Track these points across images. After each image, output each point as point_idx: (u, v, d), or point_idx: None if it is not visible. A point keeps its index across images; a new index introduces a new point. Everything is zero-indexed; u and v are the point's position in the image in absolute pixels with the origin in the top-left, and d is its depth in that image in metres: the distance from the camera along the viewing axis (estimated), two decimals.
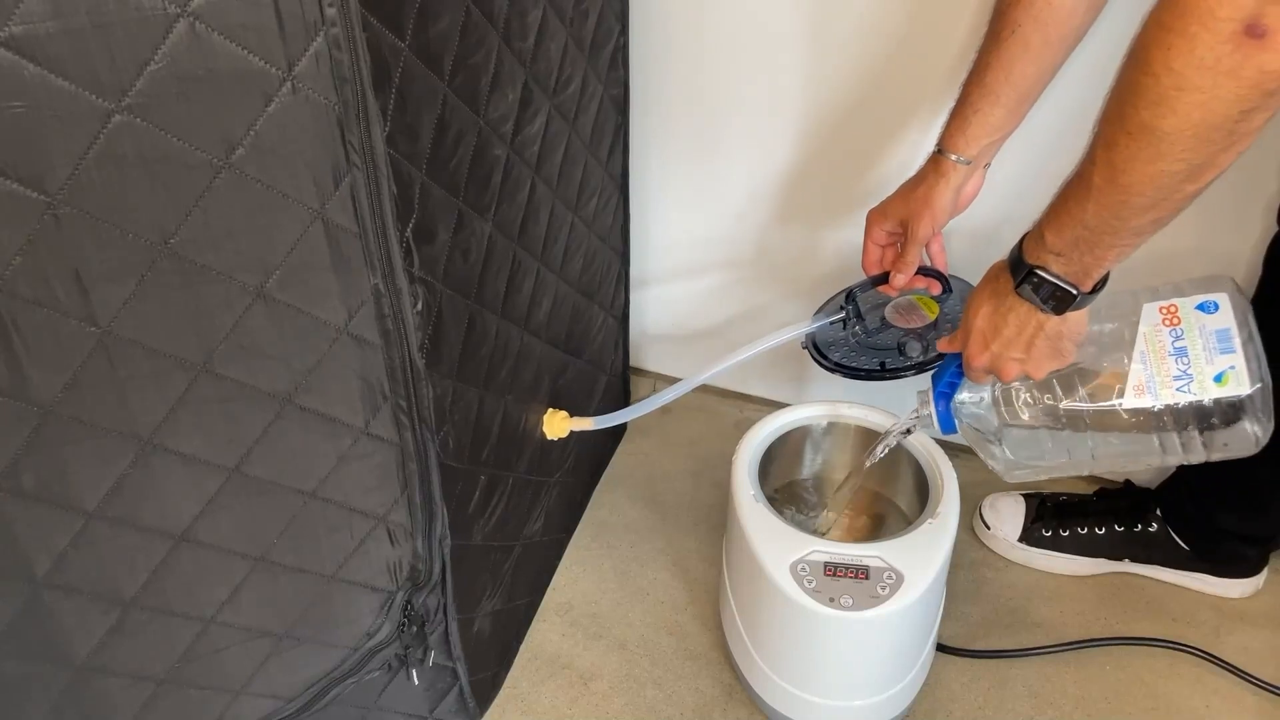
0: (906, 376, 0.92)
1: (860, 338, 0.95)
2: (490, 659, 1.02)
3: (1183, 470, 1.11)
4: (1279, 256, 0.95)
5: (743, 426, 1.03)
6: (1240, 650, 1.07)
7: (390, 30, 0.60)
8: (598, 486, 1.30)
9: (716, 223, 1.29)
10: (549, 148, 0.90)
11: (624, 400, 1.38)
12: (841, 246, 1.23)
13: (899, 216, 0.92)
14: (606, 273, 1.17)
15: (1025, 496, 1.21)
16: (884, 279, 0.95)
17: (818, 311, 0.98)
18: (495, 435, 0.88)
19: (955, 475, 0.95)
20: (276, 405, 0.69)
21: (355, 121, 0.60)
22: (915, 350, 0.92)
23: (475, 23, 0.70)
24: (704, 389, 1.45)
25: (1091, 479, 1.29)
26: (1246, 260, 1.05)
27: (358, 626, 0.84)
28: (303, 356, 0.67)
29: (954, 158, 0.86)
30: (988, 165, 0.90)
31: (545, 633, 1.12)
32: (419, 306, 0.69)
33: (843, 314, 0.95)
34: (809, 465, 1.11)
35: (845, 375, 0.93)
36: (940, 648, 1.06)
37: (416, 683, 0.91)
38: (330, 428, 0.72)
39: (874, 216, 0.94)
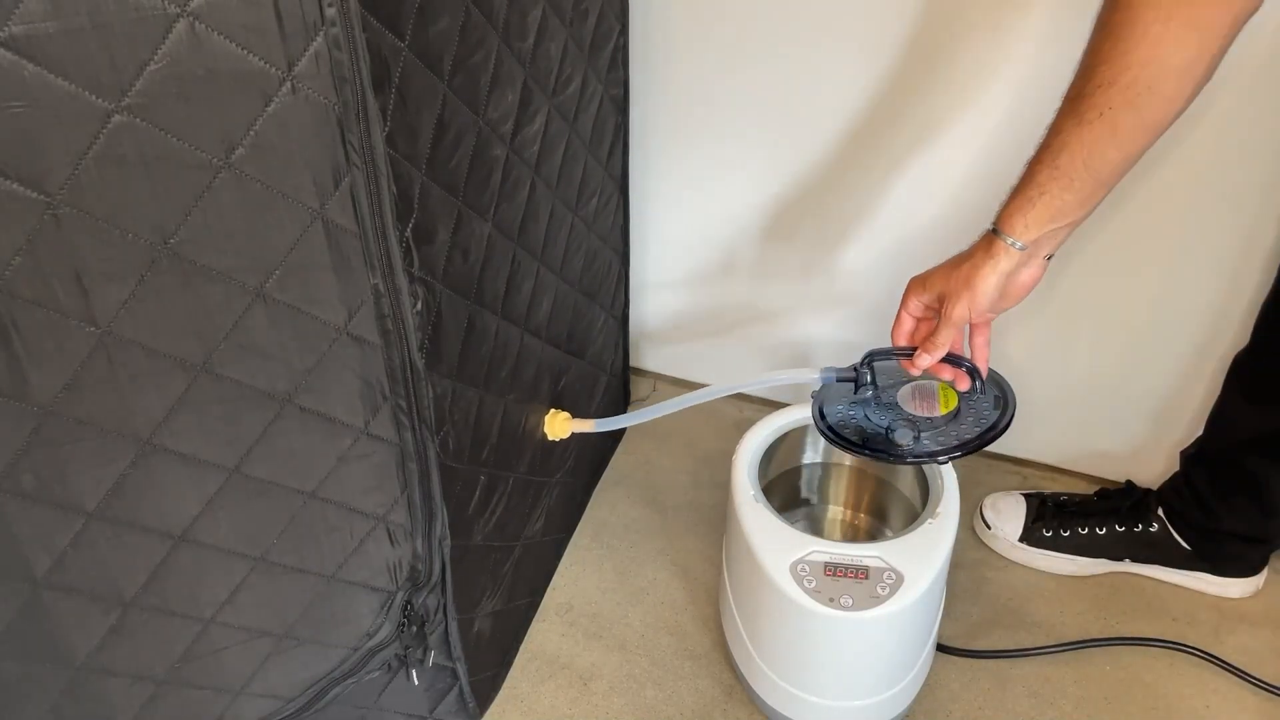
0: (885, 462, 0.87)
1: (864, 404, 0.89)
2: (490, 659, 1.02)
3: (1188, 470, 1.11)
4: None
5: (743, 426, 1.03)
6: (1240, 650, 1.07)
7: (390, 30, 0.60)
8: (598, 486, 1.30)
9: (717, 223, 1.29)
10: (548, 148, 0.90)
11: (624, 400, 1.38)
12: (843, 248, 1.23)
13: (938, 291, 0.82)
14: (607, 273, 1.17)
15: (1026, 496, 1.21)
16: (906, 351, 0.86)
17: (842, 369, 0.90)
18: (495, 435, 0.88)
19: (955, 475, 0.95)
20: (276, 405, 0.69)
21: (355, 121, 0.60)
22: (905, 439, 0.85)
23: (475, 23, 0.70)
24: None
25: (1092, 479, 1.29)
26: (1258, 266, 1.05)
27: (357, 627, 0.84)
28: (303, 356, 0.67)
29: (1009, 240, 0.77)
30: (1050, 256, 0.80)
31: (545, 633, 1.12)
32: (419, 306, 0.69)
33: (854, 375, 0.88)
34: (808, 466, 1.11)
35: (828, 438, 0.88)
36: (940, 648, 1.06)
37: (416, 683, 0.91)
38: (330, 428, 0.72)
39: (913, 284, 0.85)
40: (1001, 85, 1.04)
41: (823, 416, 0.89)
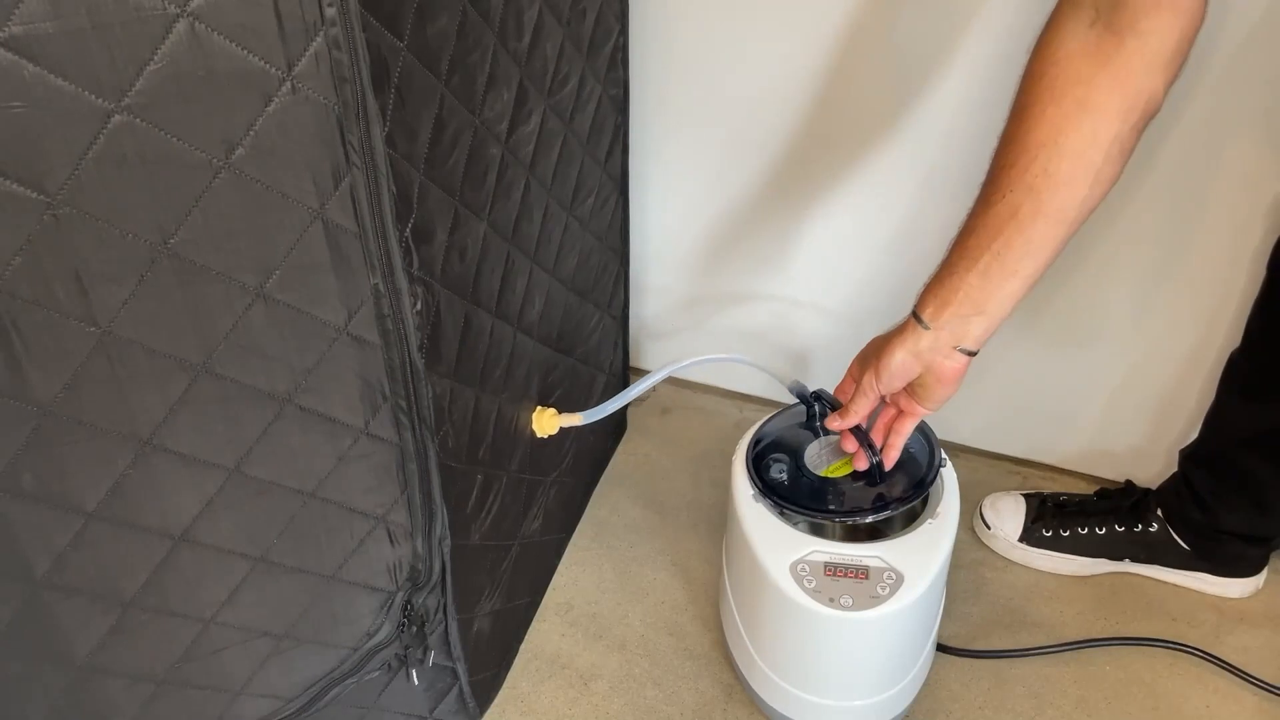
0: (759, 492, 0.91)
1: (799, 434, 0.95)
2: (490, 659, 1.02)
3: (1186, 470, 1.11)
4: None
5: (743, 426, 1.03)
6: (1240, 650, 1.07)
7: (389, 30, 0.60)
8: (597, 486, 1.30)
9: (719, 224, 1.29)
10: (543, 147, 0.90)
11: None
12: (848, 251, 1.23)
13: (864, 355, 0.85)
14: (603, 272, 1.17)
15: (1025, 496, 1.21)
16: (835, 405, 0.90)
17: (806, 391, 0.94)
18: (491, 434, 0.88)
19: (955, 475, 0.95)
20: (276, 405, 0.69)
21: (355, 121, 0.60)
22: (778, 473, 0.91)
23: (472, 22, 0.70)
24: (704, 389, 1.45)
25: (1092, 479, 1.29)
26: (1247, 265, 1.05)
27: (357, 627, 0.84)
28: (303, 356, 0.67)
29: (919, 319, 0.78)
30: (972, 354, 0.78)
31: (545, 633, 1.12)
32: (418, 306, 0.69)
33: (809, 402, 0.93)
34: None
35: (747, 453, 0.94)
36: (940, 648, 1.06)
37: (416, 683, 0.91)
38: (330, 428, 0.72)
39: (862, 350, 0.88)
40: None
41: (759, 439, 0.94)
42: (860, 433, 0.89)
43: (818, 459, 0.94)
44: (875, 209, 1.18)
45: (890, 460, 0.89)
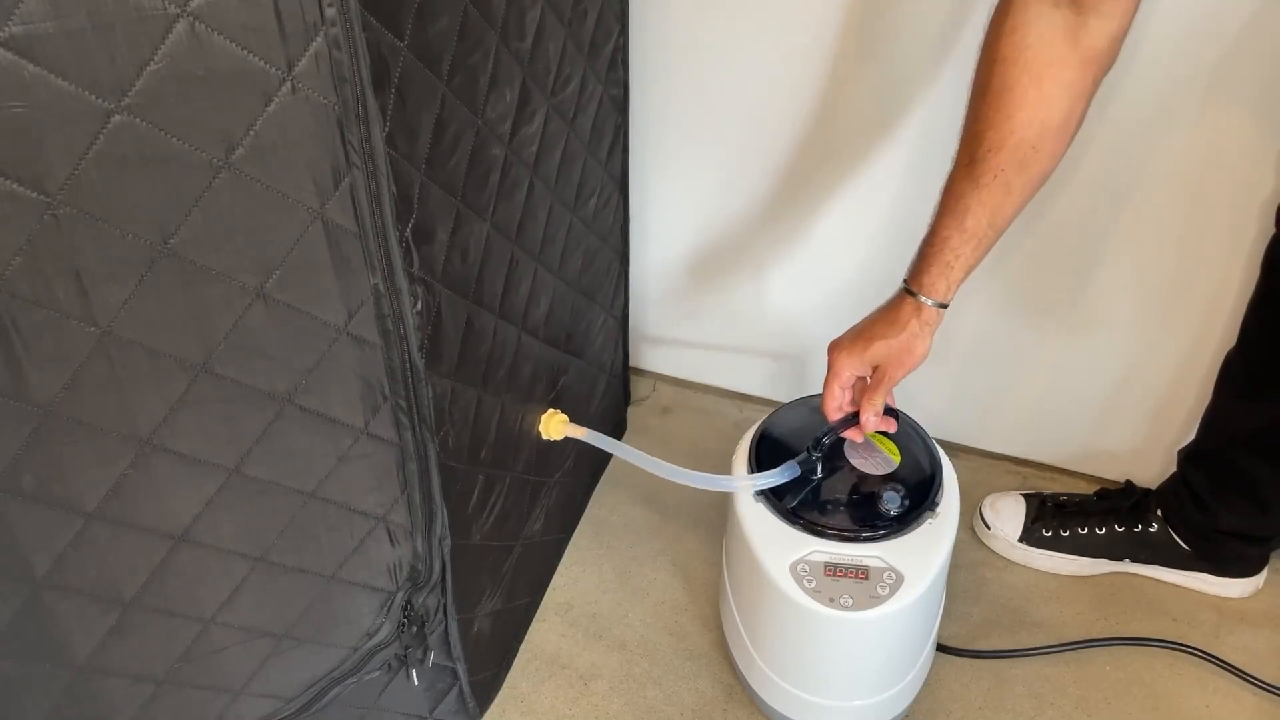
0: (885, 538, 0.88)
1: (821, 485, 0.92)
2: (490, 659, 1.02)
3: (1184, 470, 1.11)
4: (1279, 259, 0.95)
5: (743, 426, 1.03)
6: (1240, 650, 1.07)
7: (389, 30, 0.60)
8: (598, 486, 1.30)
9: (718, 223, 1.29)
10: (547, 147, 0.90)
11: (624, 400, 1.38)
12: (846, 248, 1.23)
13: (876, 362, 0.87)
14: (606, 273, 1.17)
15: (1025, 496, 1.21)
16: (848, 422, 0.90)
17: (802, 460, 0.91)
18: (494, 435, 0.88)
19: (955, 475, 0.95)
20: (276, 405, 0.69)
21: (355, 121, 0.60)
22: (894, 503, 0.89)
23: (474, 22, 0.70)
24: (704, 389, 1.45)
25: (1092, 479, 1.29)
26: (1242, 264, 1.05)
27: (357, 627, 0.84)
28: (302, 356, 0.67)
29: (934, 303, 0.83)
30: None
31: (545, 633, 1.12)
32: (418, 306, 0.69)
33: (811, 461, 0.91)
34: None
35: (815, 533, 0.89)
36: (940, 648, 1.06)
37: (416, 683, 0.91)
38: (330, 428, 0.72)
39: (845, 360, 0.88)
40: None
41: (781, 502, 0.91)
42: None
43: (874, 462, 0.94)
44: (877, 208, 1.18)
45: (894, 402, 0.93)
